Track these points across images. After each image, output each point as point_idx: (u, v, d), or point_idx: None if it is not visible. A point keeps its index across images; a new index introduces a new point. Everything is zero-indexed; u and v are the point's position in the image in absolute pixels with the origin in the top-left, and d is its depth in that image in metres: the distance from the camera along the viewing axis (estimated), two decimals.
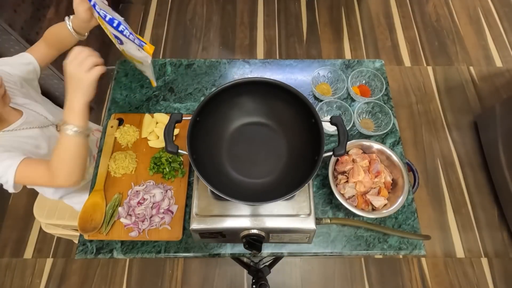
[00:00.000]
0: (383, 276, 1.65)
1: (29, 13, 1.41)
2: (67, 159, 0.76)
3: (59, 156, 0.76)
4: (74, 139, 0.73)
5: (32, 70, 0.94)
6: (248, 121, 0.85)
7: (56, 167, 0.76)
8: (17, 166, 0.77)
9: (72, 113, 0.72)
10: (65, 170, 0.76)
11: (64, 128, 0.72)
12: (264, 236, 0.75)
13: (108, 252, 0.86)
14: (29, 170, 0.79)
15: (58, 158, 0.76)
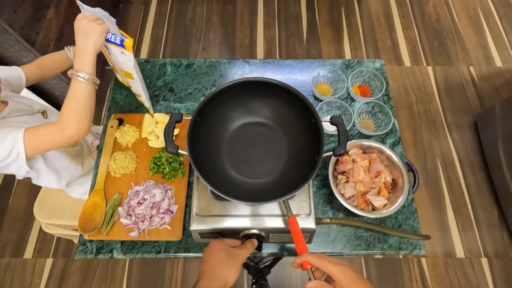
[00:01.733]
0: (383, 276, 1.65)
1: (29, 13, 1.41)
2: (78, 107, 0.77)
3: (70, 104, 0.77)
4: (86, 86, 0.77)
5: (18, 77, 0.97)
6: (248, 121, 0.85)
7: (67, 116, 0.77)
8: (23, 134, 0.77)
9: (84, 60, 0.76)
10: (76, 118, 0.77)
11: (76, 75, 0.76)
12: (264, 236, 0.75)
13: (108, 252, 0.86)
14: (35, 132, 0.79)
15: (69, 106, 0.77)
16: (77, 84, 0.76)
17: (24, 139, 0.77)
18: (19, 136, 0.77)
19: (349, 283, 0.52)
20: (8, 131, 0.79)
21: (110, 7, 2.27)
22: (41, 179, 1.01)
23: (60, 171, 1.04)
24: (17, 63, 1.50)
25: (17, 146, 0.78)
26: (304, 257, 0.59)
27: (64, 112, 0.77)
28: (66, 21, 1.66)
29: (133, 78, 0.91)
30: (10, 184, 1.84)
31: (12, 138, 0.77)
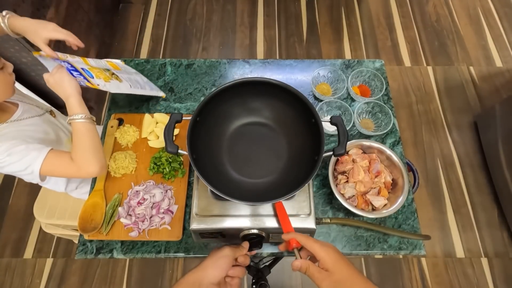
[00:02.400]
0: (383, 276, 1.65)
1: (29, 13, 1.41)
2: (86, 146, 0.82)
3: (78, 146, 0.82)
4: (85, 125, 0.82)
5: None
6: (248, 121, 0.85)
7: (79, 158, 0.81)
8: (43, 159, 0.80)
9: (72, 106, 0.83)
10: (88, 157, 0.81)
11: (72, 119, 0.82)
12: (264, 236, 0.75)
13: (108, 252, 0.86)
14: (54, 162, 0.82)
15: (77, 148, 0.82)
16: (77, 125, 0.82)
17: (43, 163, 0.80)
18: (40, 158, 0.80)
19: (332, 263, 0.55)
20: (31, 148, 0.81)
21: (110, 7, 2.27)
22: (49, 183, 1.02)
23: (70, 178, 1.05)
24: (17, 63, 1.50)
25: (34, 166, 0.80)
26: (292, 234, 0.61)
27: (75, 154, 0.82)
28: (66, 21, 1.66)
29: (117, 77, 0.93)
30: (10, 184, 1.85)
31: (33, 157, 0.80)
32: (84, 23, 1.85)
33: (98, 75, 0.89)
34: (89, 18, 1.89)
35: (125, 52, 2.26)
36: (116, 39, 2.31)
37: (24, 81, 1.61)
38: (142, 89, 1.00)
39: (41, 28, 0.78)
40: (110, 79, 0.91)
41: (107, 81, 0.90)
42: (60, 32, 0.80)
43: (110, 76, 0.92)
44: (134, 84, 0.98)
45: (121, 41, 2.31)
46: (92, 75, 0.88)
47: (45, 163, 0.80)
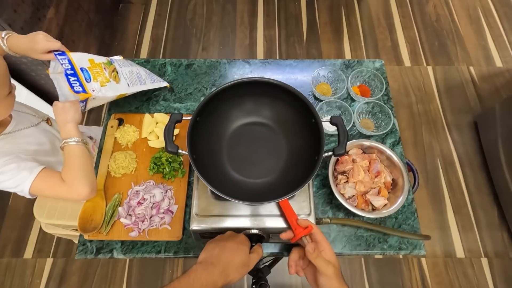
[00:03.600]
0: (383, 276, 1.65)
1: (29, 13, 1.41)
2: (78, 167, 0.84)
3: (70, 167, 0.84)
4: (79, 148, 0.85)
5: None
6: (248, 121, 0.85)
7: (70, 179, 0.83)
8: (33, 179, 0.81)
9: (68, 130, 0.86)
10: (79, 179, 0.82)
11: (66, 142, 0.84)
12: (264, 236, 0.75)
13: (108, 252, 0.86)
14: (45, 183, 0.83)
15: (69, 169, 0.84)
16: (71, 147, 0.84)
17: (32, 183, 0.81)
18: (30, 178, 0.81)
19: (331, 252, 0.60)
20: (23, 167, 0.81)
21: (110, 7, 2.27)
22: None
23: None
24: (17, 63, 1.51)
25: (24, 185, 0.81)
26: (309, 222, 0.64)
27: (67, 175, 0.83)
28: (66, 21, 1.66)
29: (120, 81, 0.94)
30: None
31: (23, 177, 0.80)
32: (84, 23, 1.85)
33: (95, 77, 0.87)
34: (89, 18, 1.89)
35: (125, 52, 2.26)
36: (116, 39, 2.31)
37: (24, 81, 1.61)
38: (142, 85, 0.99)
39: (34, 44, 0.80)
40: (107, 81, 0.90)
41: (103, 85, 0.88)
42: (52, 41, 0.81)
43: (109, 75, 0.91)
44: (133, 81, 0.97)
45: (121, 41, 2.31)
46: (90, 77, 0.86)
47: (35, 183, 0.81)
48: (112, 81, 0.91)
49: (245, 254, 0.63)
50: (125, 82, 0.95)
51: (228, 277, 0.58)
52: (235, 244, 0.63)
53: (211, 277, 0.57)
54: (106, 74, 0.90)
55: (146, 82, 1.01)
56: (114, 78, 0.92)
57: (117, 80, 0.93)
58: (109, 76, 0.91)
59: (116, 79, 0.93)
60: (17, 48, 0.83)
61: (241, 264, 0.61)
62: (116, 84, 0.93)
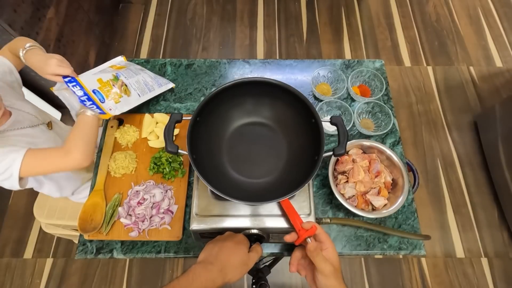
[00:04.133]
0: (383, 276, 1.65)
1: (29, 13, 1.41)
2: (83, 136, 0.84)
3: (77, 134, 0.84)
4: (92, 120, 0.86)
5: (9, 72, 0.94)
6: (248, 121, 0.85)
7: (73, 145, 0.82)
8: (22, 157, 0.79)
9: None
10: (82, 147, 0.83)
11: (83, 111, 0.86)
12: (264, 236, 0.75)
13: (108, 252, 0.86)
14: (37, 154, 0.81)
15: (76, 136, 0.84)
16: (84, 117, 0.86)
17: (22, 162, 0.79)
18: (18, 159, 0.79)
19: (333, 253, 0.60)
20: (8, 151, 0.79)
21: (110, 7, 2.27)
22: (42, 188, 1.01)
23: (61, 182, 1.03)
24: None
25: (13, 168, 0.79)
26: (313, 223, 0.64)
27: (70, 140, 0.83)
28: (66, 21, 1.66)
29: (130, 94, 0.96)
30: None
31: (11, 159, 0.78)
32: (84, 23, 1.85)
33: (107, 95, 0.90)
34: (89, 18, 1.89)
35: (125, 52, 2.26)
36: (116, 39, 2.31)
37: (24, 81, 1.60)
38: (152, 92, 1.01)
39: (45, 66, 0.83)
40: (120, 96, 0.92)
41: (117, 101, 0.91)
42: (63, 68, 0.83)
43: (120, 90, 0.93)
44: (142, 90, 0.99)
45: (121, 41, 2.31)
46: (103, 97, 0.89)
47: (25, 160, 0.79)
48: (123, 95, 0.94)
49: (244, 253, 0.63)
50: (136, 93, 0.97)
51: (227, 276, 0.58)
52: (233, 244, 0.63)
53: (210, 276, 0.57)
54: (116, 90, 0.92)
55: (154, 88, 1.02)
56: (125, 92, 0.94)
57: (128, 93, 0.95)
58: (120, 92, 0.93)
59: (126, 92, 0.94)
60: (30, 63, 0.87)
61: (239, 263, 0.61)
62: (128, 97, 0.95)
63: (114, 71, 0.96)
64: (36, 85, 1.69)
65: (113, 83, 0.92)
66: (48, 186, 1.00)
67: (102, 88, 0.90)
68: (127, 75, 0.97)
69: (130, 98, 0.95)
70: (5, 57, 0.93)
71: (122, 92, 0.93)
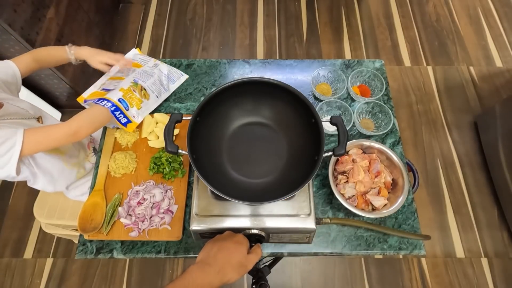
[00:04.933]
0: (383, 276, 1.65)
1: (29, 13, 1.41)
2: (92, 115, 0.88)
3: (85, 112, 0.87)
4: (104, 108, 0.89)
5: (12, 74, 0.95)
6: (248, 121, 0.85)
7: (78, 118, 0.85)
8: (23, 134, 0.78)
9: None
10: (86, 120, 0.86)
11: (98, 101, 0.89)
12: (264, 236, 0.75)
13: (108, 252, 0.86)
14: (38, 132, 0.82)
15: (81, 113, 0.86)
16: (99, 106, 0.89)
17: (24, 137, 0.78)
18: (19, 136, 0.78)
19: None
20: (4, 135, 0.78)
21: (110, 7, 2.27)
22: (36, 181, 1.01)
23: (54, 174, 1.02)
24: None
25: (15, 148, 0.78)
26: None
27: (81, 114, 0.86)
28: (66, 21, 1.66)
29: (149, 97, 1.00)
30: (10, 184, 1.84)
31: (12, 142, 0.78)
32: (84, 23, 1.85)
33: (131, 103, 0.93)
34: (89, 18, 1.89)
35: (125, 52, 2.24)
36: (116, 39, 2.31)
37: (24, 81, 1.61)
38: (166, 91, 1.04)
39: (98, 54, 0.99)
40: (141, 102, 0.96)
41: (139, 107, 0.95)
42: (112, 59, 0.99)
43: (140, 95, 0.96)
44: (159, 92, 1.02)
45: (121, 41, 2.31)
46: (127, 105, 0.92)
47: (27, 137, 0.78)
48: (144, 100, 0.96)
49: (243, 254, 0.62)
50: (154, 95, 1.00)
51: (225, 277, 0.58)
52: (232, 244, 0.63)
53: (207, 278, 0.57)
54: (137, 95, 0.95)
55: (169, 87, 1.05)
56: (144, 96, 0.97)
57: (147, 97, 0.97)
58: (140, 96, 0.95)
59: (146, 96, 0.97)
60: (83, 55, 1.00)
61: (238, 264, 0.60)
62: (147, 101, 0.98)
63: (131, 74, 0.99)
64: (36, 85, 1.69)
65: (134, 89, 0.95)
66: (42, 179, 1.00)
67: (125, 96, 0.93)
68: (144, 78, 0.99)
69: (149, 102, 0.99)
70: (15, 63, 0.96)
71: (142, 97, 0.96)
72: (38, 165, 0.96)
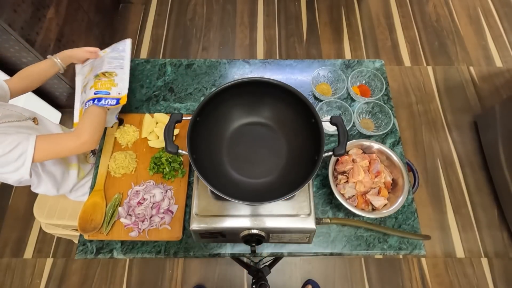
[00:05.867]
0: (383, 276, 1.65)
1: (29, 13, 1.41)
2: (93, 122, 0.88)
3: (86, 120, 0.88)
4: (100, 109, 0.90)
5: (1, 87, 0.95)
6: (248, 121, 0.85)
7: (83, 128, 0.86)
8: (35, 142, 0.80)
9: None
10: (91, 130, 0.87)
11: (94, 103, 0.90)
12: (264, 235, 0.75)
13: (108, 252, 0.86)
14: (48, 138, 0.84)
15: (85, 121, 0.88)
16: (94, 108, 0.89)
17: (35, 146, 0.80)
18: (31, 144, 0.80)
19: None
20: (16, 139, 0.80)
21: (110, 7, 2.27)
22: (39, 185, 1.01)
23: (57, 177, 1.03)
24: (17, 63, 1.50)
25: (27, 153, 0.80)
26: None
27: (81, 125, 0.87)
28: (66, 21, 1.66)
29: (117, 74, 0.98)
30: (10, 184, 1.84)
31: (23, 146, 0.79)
32: (84, 23, 1.85)
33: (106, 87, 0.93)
34: (89, 18, 1.89)
35: None
36: (116, 39, 2.28)
37: None
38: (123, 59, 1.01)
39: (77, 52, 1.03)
40: (112, 80, 0.94)
41: (115, 85, 0.94)
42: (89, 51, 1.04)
43: (106, 78, 0.94)
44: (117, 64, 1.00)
45: None
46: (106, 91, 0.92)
47: (38, 144, 0.80)
48: (113, 77, 0.95)
49: None
50: (117, 70, 0.98)
51: None
52: None
53: None
54: (105, 79, 0.94)
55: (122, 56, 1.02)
56: (111, 76, 0.96)
57: (113, 74, 0.96)
58: (108, 79, 0.94)
59: (112, 75, 0.96)
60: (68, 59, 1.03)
61: None
62: (117, 76, 0.96)
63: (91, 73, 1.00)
64: None
65: (99, 79, 0.94)
66: (45, 183, 1.00)
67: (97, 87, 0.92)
68: (98, 67, 0.99)
69: (119, 75, 0.97)
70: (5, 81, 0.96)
71: (108, 76, 0.95)
72: (44, 168, 0.97)
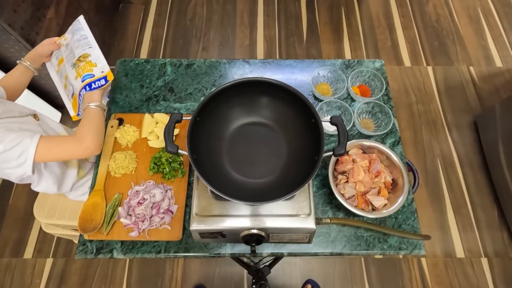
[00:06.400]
0: (383, 276, 1.65)
1: (29, 13, 1.41)
2: (93, 126, 0.89)
3: (85, 124, 0.89)
4: (97, 111, 0.91)
5: None
6: (248, 121, 0.85)
7: (83, 133, 0.87)
8: (37, 141, 0.80)
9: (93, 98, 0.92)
10: (92, 134, 0.87)
11: (89, 105, 0.91)
12: (264, 235, 0.75)
13: (108, 252, 0.86)
14: (50, 142, 0.84)
15: (84, 126, 0.88)
16: (89, 110, 0.90)
17: (37, 146, 0.80)
18: (33, 143, 0.80)
19: None
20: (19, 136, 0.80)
21: (110, 7, 2.27)
22: (40, 183, 1.01)
23: (58, 175, 1.03)
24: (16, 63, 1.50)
25: (28, 151, 0.80)
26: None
27: (80, 130, 0.87)
28: (66, 21, 1.65)
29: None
30: (10, 184, 1.84)
31: (26, 144, 0.80)
32: None
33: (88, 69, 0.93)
34: (89, 18, 1.89)
35: (125, 52, 2.26)
36: (116, 39, 2.31)
37: None
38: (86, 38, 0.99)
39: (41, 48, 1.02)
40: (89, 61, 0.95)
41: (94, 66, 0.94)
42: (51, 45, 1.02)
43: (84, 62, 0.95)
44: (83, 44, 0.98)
45: (121, 41, 2.31)
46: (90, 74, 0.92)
47: (40, 144, 0.81)
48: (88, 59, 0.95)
49: None
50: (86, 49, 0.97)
51: None
52: None
53: None
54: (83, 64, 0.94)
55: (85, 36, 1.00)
56: (85, 57, 0.95)
57: (87, 56, 0.96)
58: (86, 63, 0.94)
59: (85, 56, 0.95)
60: (36, 60, 1.04)
61: None
62: (91, 56, 0.96)
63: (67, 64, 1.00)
64: (36, 85, 1.69)
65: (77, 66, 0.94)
66: (46, 179, 1.00)
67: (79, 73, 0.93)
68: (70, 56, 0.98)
69: (92, 55, 0.96)
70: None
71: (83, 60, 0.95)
72: (45, 164, 0.97)
